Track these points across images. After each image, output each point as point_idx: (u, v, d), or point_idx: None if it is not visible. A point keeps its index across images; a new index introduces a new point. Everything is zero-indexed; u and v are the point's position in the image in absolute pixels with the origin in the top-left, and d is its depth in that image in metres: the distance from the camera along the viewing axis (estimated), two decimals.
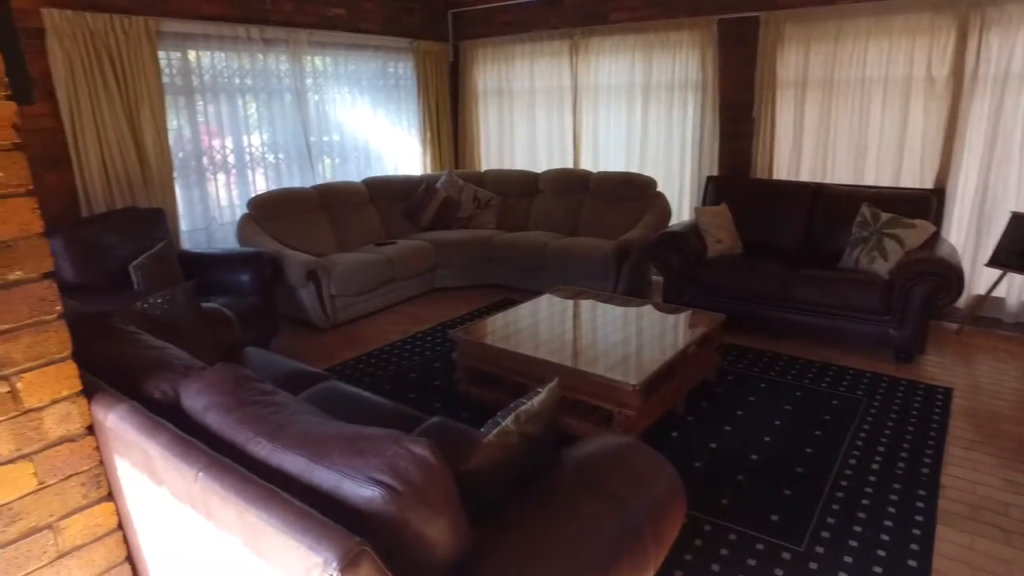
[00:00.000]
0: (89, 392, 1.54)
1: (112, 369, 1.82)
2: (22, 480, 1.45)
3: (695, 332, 3.56)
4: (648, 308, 3.98)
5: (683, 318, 3.81)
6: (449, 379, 3.90)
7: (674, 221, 5.78)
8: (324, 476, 1.21)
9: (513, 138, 6.99)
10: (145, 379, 1.68)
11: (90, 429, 1.55)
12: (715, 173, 5.70)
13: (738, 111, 5.57)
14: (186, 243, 5.03)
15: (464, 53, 7.08)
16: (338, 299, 4.94)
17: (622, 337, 3.50)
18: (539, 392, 1.73)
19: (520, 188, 6.36)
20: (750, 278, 4.57)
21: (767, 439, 3.22)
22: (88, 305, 3.52)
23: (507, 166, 6.99)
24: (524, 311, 3.97)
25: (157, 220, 4.42)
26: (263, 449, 1.32)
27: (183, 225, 5.03)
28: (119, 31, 4.38)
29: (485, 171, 6.70)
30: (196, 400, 1.55)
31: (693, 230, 4.97)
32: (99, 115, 4.36)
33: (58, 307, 1.43)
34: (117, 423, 1.44)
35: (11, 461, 1.42)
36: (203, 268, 4.41)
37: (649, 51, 5.89)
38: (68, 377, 1.48)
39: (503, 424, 1.60)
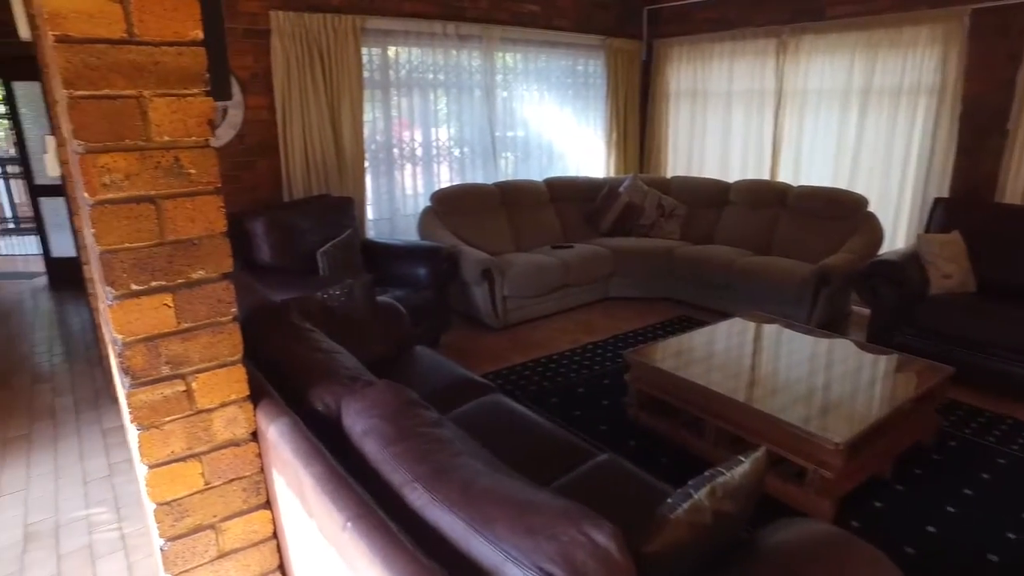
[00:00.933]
0: (255, 398, 1.49)
1: (282, 367, 1.79)
2: (191, 478, 1.43)
3: (914, 384, 2.97)
4: (852, 347, 3.41)
5: (897, 364, 3.21)
6: (618, 400, 3.64)
7: (886, 247, 4.99)
8: (484, 551, 1.02)
9: (704, 144, 6.50)
10: (310, 386, 1.62)
11: (254, 435, 1.51)
12: (945, 194, 4.84)
13: (985, 121, 4.66)
14: (371, 231, 5.23)
15: (657, 51, 6.71)
16: (510, 300, 4.86)
17: (822, 380, 3.01)
18: (741, 462, 1.42)
19: (708, 198, 5.89)
20: (988, 323, 3.77)
21: (1011, 535, 2.58)
22: (279, 288, 3.74)
23: (695, 173, 6.52)
24: (706, 335, 3.59)
25: (346, 208, 4.60)
26: (419, 498, 1.16)
27: (370, 214, 5.24)
28: (330, 29, 4.62)
29: (671, 177, 6.30)
30: (356, 421, 1.44)
31: (913, 260, 4.23)
32: (305, 107, 4.63)
33: (233, 309, 1.39)
34: (277, 438, 1.37)
35: (183, 459, 1.41)
36: (383, 258, 4.53)
37: (873, 50, 5.12)
38: (237, 381, 1.43)
39: (696, 498, 1.31)
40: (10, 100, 6.16)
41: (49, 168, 4.03)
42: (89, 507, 2.93)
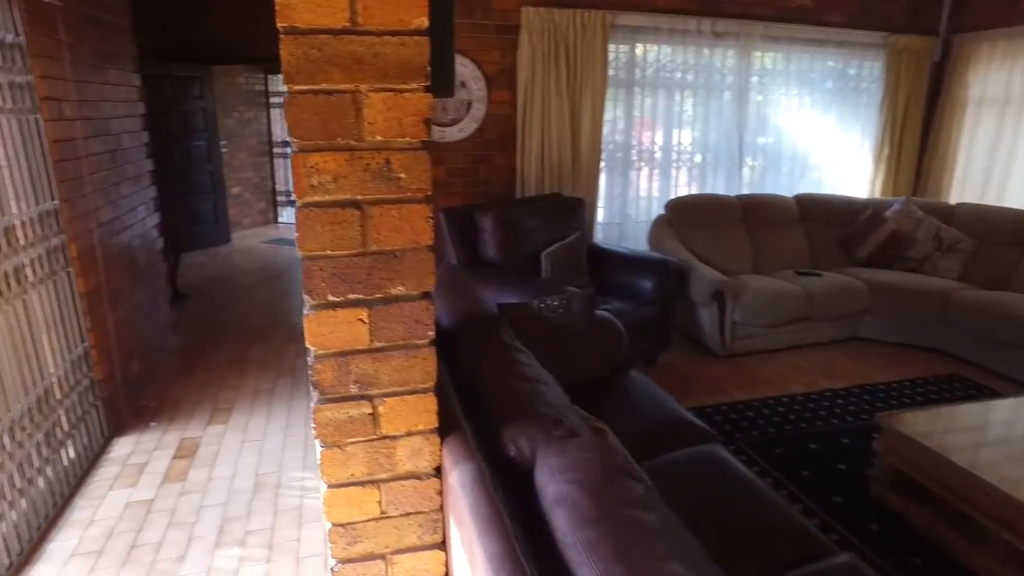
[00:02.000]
0: (444, 430, 1.34)
1: (480, 384, 1.64)
2: (368, 505, 1.32)
3: None
4: None
5: None
6: (859, 468, 3.00)
7: None
8: None
9: (1011, 166, 5.23)
10: (506, 422, 1.43)
11: (437, 470, 1.36)
12: None
13: None
14: (598, 235, 5.03)
15: (958, 49, 5.53)
16: (740, 327, 4.33)
17: None
18: None
19: (1008, 234, 4.70)
20: None
21: None
22: (498, 287, 3.71)
23: (992, 201, 5.28)
24: (1001, 411, 2.79)
25: (576, 210, 4.45)
26: None
27: (599, 217, 5.04)
28: (578, 25, 4.47)
29: (957, 204, 5.16)
30: (550, 481, 1.21)
31: None
32: (546, 104, 4.55)
33: (430, 332, 1.24)
34: (457, 487, 1.20)
35: (362, 484, 1.30)
36: (608, 266, 4.30)
37: None
38: (426, 411, 1.29)
39: None
40: None
41: None
42: (305, 470, 3.13)
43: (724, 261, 4.71)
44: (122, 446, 3.32)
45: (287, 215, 9.14)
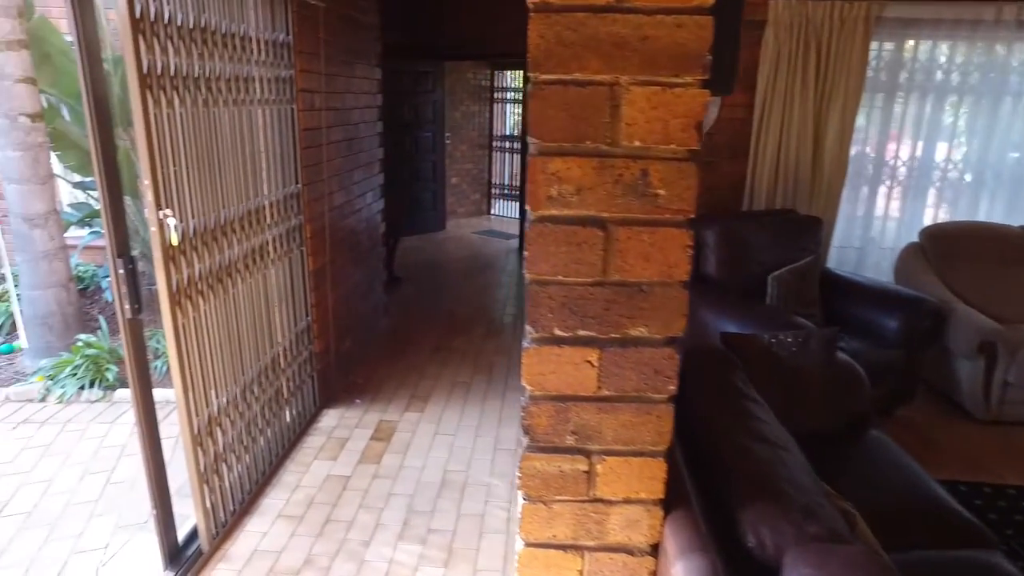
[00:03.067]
0: (669, 503, 1.09)
1: (712, 448, 1.36)
2: (568, 573, 1.13)
3: None
4: None
5: None
6: None
7: None
8: None
9: None
10: (745, 503, 1.15)
11: (654, 548, 1.11)
12: None
13: None
14: (832, 260, 4.39)
15: None
16: (1013, 388, 3.50)
17: None
18: None
19: None
20: None
21: None
22: (718, 311, 3.34)
23: None
24: None
25: (812, 230, 3.89)
26: None
27: (835, 240, 4.40)
28: (836, 19, 3.89)
29: None
30: None
31: None
32: (787, 109, 4.04)
33: (671, 387, 1.00)
34: None
35: (563, 548, 1.11)
36: (844, 296, 3.72)
37: None
38: (652, 478, 1.05)
39: None
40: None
41: None
42: (492, 476, 3.06)
43: (997, 306, 3.83)
44: (329, 418, 3.52)
45: (499, 207, 9.42)
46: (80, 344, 4.08)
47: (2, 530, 2.75)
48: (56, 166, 4.98)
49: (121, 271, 1.96)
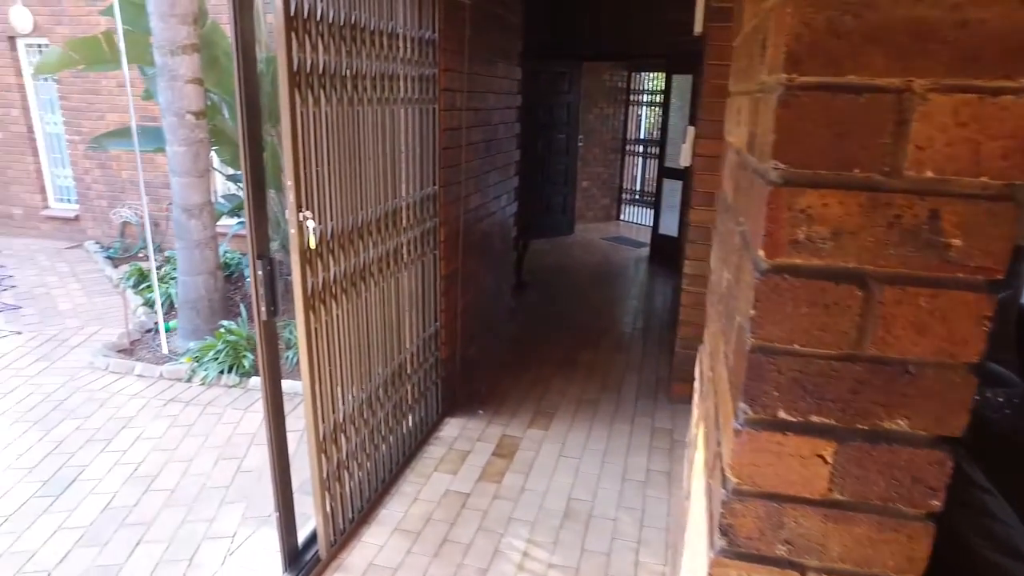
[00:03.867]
0: None
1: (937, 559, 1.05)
2: None
3: None
4: None
5: None
6: None
7: None
8: None
9: None
10: None
11: None
12: None
13: None
14: None
15: None
16: None
17: None
18: None
19: None
20: None
21: None
22: None
23: None
24: None
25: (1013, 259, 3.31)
26: None
27: None
28: None
29: None
30: None
31: None
32: None
33: (934, 501, 0.73)
34: None
35: None
36: None
37: None
38: None
39: None
40: (666, 91, 6.78)
41: (683, 157, 4.07)
42: (619, 510, 2.82)
43: None
44: (451, 427, 3.42)
45: (629, 213, 9.09)
46: (222, 330, 4.28)
47: (150, 504, 2.88)
48: (215, 161, 5.29)
49: (260, 272, 1.92)
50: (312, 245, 1.98)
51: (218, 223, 4.83)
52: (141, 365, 4.21)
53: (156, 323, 4.94)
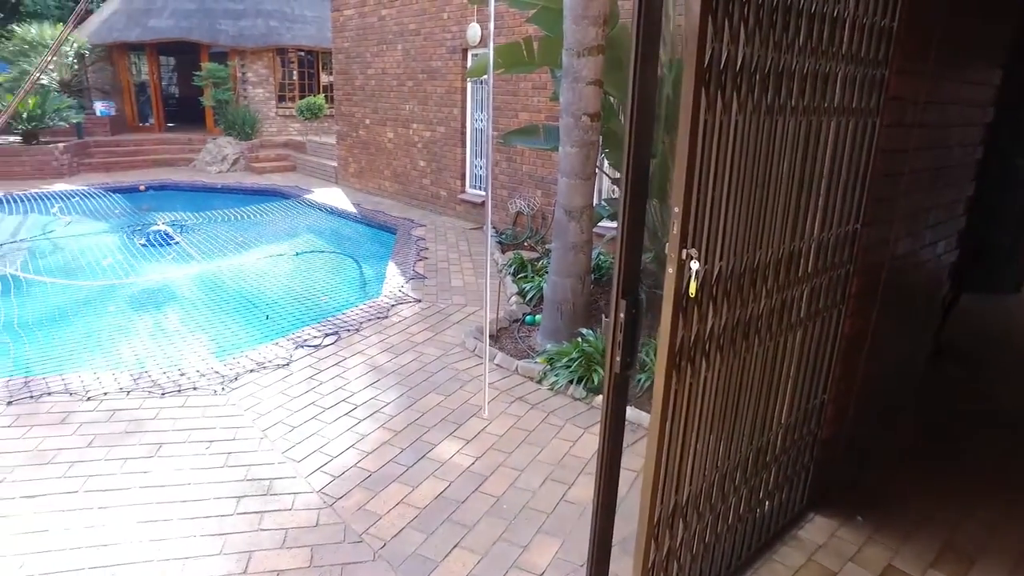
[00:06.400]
0: None
1: None
2: None
3: None
4: None
5: None
6: None
7: None
8: None
9: None
10: None
11: None
12: None
13: None
14: None
15: None
16: None
17: None
18: None
19: None
20: None
21: None
22: None
23: None
24: None
25: None
26: None
27: None
28: None
29: None
30: None
31: None
32: None
33: None
34: None
35: None
36: None
37: None
38: None
39: None
40: None
41: None
42: None
43: None
44: (816, 528, 2.67)
45: None
46: (579, 339, 4.18)
47: (475, 506, 2.86)
48: (605, 163, 5.26)
49: (621, 315, 1.56)
50: (692, 292, 1.54)
51: (598, 224, 4.78)
52: (501, 355, 4.38)
53: (524, 314, 5.16)
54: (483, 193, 8.55)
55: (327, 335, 4.72)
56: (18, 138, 11.86)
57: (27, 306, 5.65)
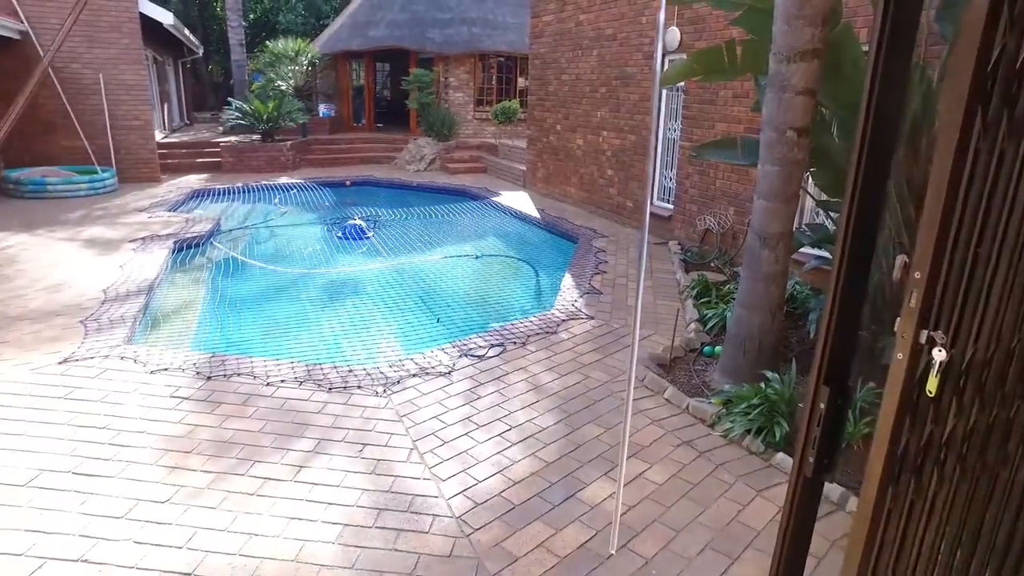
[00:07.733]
0: None
1: None
2: None
3: None
4: None
5: None
6: None
7: None
8: None
9: None
10: None
11: None
12: None
13: None
14: None
15: None
16: None
17: None
18: None
19: None
20: None
21: None
22: None
23: None
24: None
25: None
26: None
27: None
28: None
29: None
30: None
31: None
32: None
33: None
34: None
35: None
36: None
37: None
38: None
39: None
40: None
41: None
42: None
43: None
44: None
45: None
46: (763, 384, 3.65)
47: (626, 563, 2.55)
48: (809, 183, 4.61)
49: (822, 405, 1.17)
50: (932, 390, 1.11)
51: (797, 251, 4.18)
52: (672, 389, 3.98)
53: (702, 344, 4.68)
54: (671, 207, 8.07)
55: (492, 346, 4.64)
56: (259, 136, 13.63)
57: (238, 287, 6.30)
